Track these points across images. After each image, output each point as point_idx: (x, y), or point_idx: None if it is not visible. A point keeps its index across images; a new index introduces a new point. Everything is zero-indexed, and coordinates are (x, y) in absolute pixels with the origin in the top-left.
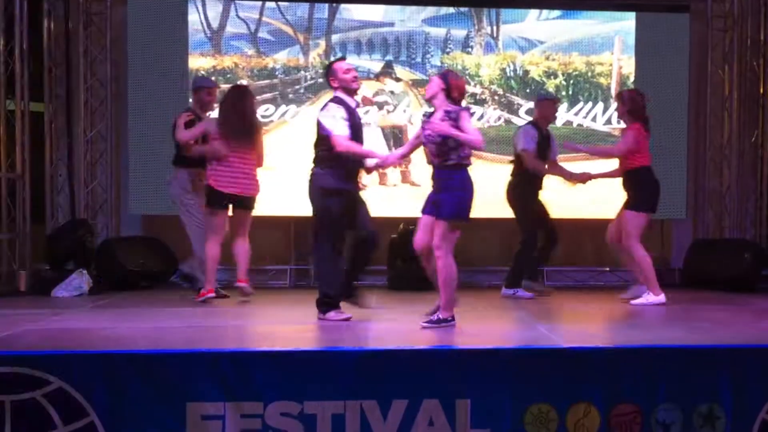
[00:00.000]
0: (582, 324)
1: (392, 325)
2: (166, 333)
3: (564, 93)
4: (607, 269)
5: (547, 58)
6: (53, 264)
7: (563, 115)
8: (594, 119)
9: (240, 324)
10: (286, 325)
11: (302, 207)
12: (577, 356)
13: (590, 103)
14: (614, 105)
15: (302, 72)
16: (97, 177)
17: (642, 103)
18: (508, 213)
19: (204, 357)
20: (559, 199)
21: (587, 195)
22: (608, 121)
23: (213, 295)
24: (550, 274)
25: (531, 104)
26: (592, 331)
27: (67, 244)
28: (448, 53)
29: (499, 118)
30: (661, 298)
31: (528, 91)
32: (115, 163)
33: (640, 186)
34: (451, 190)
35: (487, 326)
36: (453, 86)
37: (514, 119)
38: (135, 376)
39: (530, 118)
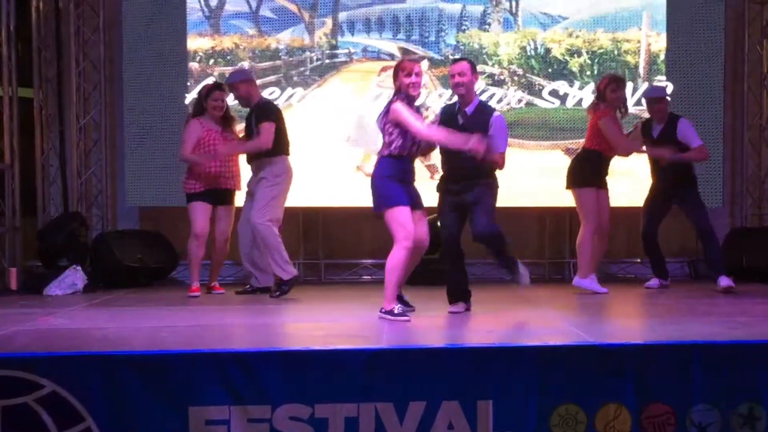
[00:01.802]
0: (611, 319)
1: (409, 322)
2: (166, 332)
3: (588, 72)
4: (638, 261)
5: (570, 35)
6: (45, 260)
7: (589, 96)
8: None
9: (246, 322)
10: (295, 323)
11: (311, 197)
12: (607, 353)
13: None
14: (642, 84)
15: (307, 53)
16: (91, 167)
17: None
18: (529, 202)
19: (207, 358)
20: None
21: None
22: (638, 102)
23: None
24: (575, 266)
25: (555, 85)
26: (623, 326)
27: (59, 239)
28: (463, 31)
29: (520, 101)
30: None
31: (550, 71)
32: (110, 151)
33: None
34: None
35: (510, 322)
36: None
37: (536, 101)
38: (134, 379)
39: (552, 99)
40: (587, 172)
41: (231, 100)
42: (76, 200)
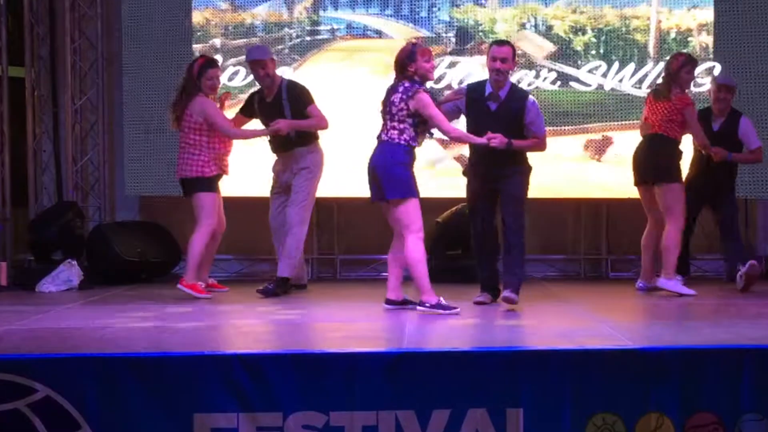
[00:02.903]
0: (653, 320)
1: (433, 323)
2: (169, 333)
3: (594, 52)
4: None
5: (574, 11)
6: (38, 254)
7: (593, 78)
8: (637, 83)
9: (255, 322)
10: (308, 324)
11: (326, 186)
12: (648, 358)
13: (625, 64)
14: (653, 65)
15: (286, 29)
16: (88, 152)
17: None
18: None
19: (213, 361)
20: (623, 178)
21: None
22: (641, 84)
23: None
24: (614, 263)
25: (560, 66)
26: (666, 328)
27: (53, 231)
28: (458, 6)
29: (519, 82)
30: None
31: (552, 50)
32: (108, 136)
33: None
34: None
35: (542, 323)
36: None
37: (538, 83)
38: (134, 383)
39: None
40: (678, 164)
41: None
42: (70, 189)
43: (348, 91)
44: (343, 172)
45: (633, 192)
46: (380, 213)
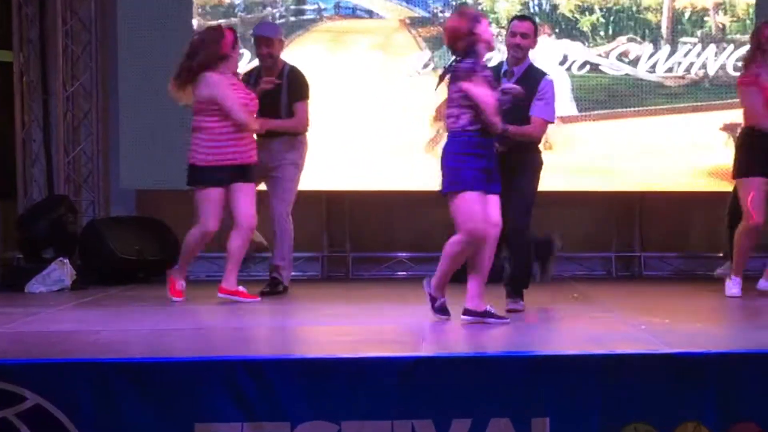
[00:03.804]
0: (690, 323)
1: (450, 326)
2: (168, 337)
3: (602, 33)
4: (720, 255)
5: None
6: (27, 252)
7: (602, 61)
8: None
9: (260, 325)
10: (318, 327)
11: (336, 179)
12: (685, 363)
13: (636, 45)
14: (667, 48)
15: (269, 9)
16: (81, 142)
17: None
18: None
19: (216, 366)
20: (658, 166)
21: (695, 162)
22: (657, 68)
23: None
24: (647, 261)
25: (570, 49)
26: (704, 331)
27: (43, 227)
28: None
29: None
30: None
31: (557, 30)
32: (102, 124)
33: None
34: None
35: (570, 326)
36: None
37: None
38: (130, 391)
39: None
40: None
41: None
42: (62, 181)
43: (338, 75)
44: (354, 164)
45: (669, 184)
46: (395, 207)
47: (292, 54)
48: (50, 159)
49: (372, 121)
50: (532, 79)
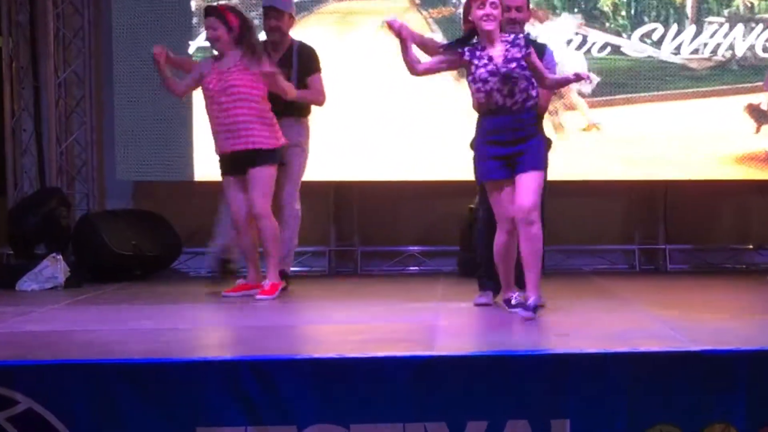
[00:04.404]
0: (717, 319)
1: (466, 323)
2: (168, 336)
3: (624, 13)
4: (750, 247)
5: None
6: (18, 248)
7: (624, 42)
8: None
9: (265, 324)
10: (325, 325)
11: (344, 169)
12: (713, 362)
13: (659, 26)
14: (692, 28)
15: None
16: (74, 132)
17: None
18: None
19: (218, 367)
20: (683, 153)
21: (723, 149)
22: (682, 50)
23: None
24: (672, 253)
25: (590, 30)
26: (732, 328)
27: (35, 221)
28: None
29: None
30: None
31: (576, 10)
32: (96, 112)
33: None
34: (537, 137)
35: (590, 323)
36: None
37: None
38: (128, 394)
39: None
40: None
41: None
42: (55, 173)
43: (343, 59)
44: (362, 153)
45: (694, 172)
46: (406, 199)
47: (295, 37)
48: (41, 150)
49: (381, 107)
50: (536, 52)
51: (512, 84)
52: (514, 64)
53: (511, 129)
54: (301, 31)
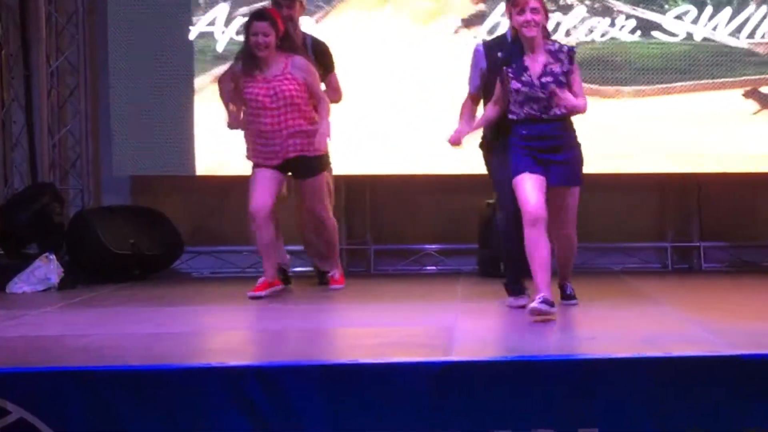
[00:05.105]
0: (755, 322)
1: (487, 326)
2: (167, 341)
3: None
4: None
5: None
6: (8, 247)
7: (679, 26)
8: (735, 31)
9: (271, 327)
10: (337, 328)
11: (355, 163)
12: (749, 366)
13: (719, 9)
14: (755, 8)
15: None
16: (67, 123)
17: None
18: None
19: (222, 374)
20: (717, 145)
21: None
22: (747, 32)
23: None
24: (707, 251)
25: (641, 12)
26: None
27: (26, 219)
28: None
29: (591, 31)
30: None
31: None
32: (91, 103)
33: None
34: (576, 148)
35: (620, 326)
36: None
37: (614, 33)
38: (125, 402)
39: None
40: None
41: None
42: (47, 167)
43: (354, 44)
44: (374, 145)
45: (730, 165)
46: (422, 194)
47: (333, 23)
48: (33, 142)
49: (394, 98)
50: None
51: (547, 97)
52: (550, 78)
53: (547, 137)
54: (338, 17)
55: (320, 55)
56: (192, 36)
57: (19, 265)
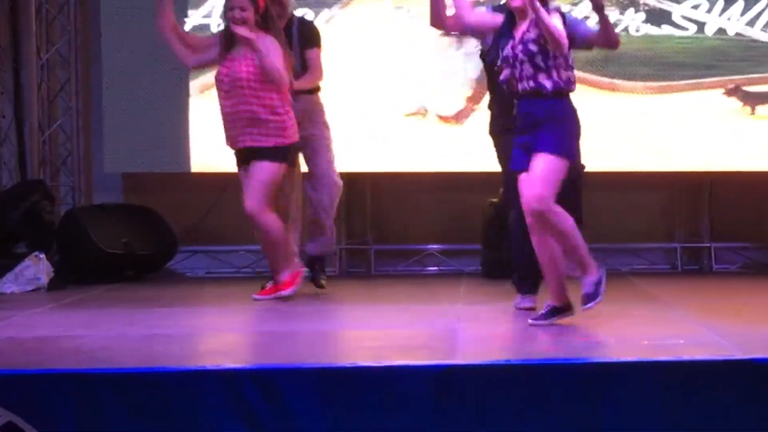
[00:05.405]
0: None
1: (491, 329)
2: (161, 343)
3: None
4: None
5: None
6: None
7: (711, 19)
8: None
9: (269, 329)
10: (336, 331)
11: (355, 160)
12: (762, 371)
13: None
14: (740, 3)
15: None
16: (58, 118)
17: None
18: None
19: (218, 377)
20: (729, 142)
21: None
22: (754, 24)
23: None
24: (718, 252)
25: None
26: None
27: (15, 218)
28: None
29: (637, 30)
30: None
31: None
32: (83, 97)
33: None
34: (555, 121)
35: (628, 329)
36: None
37: (665, 28)
38: (117, 406)
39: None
40: None
41: None
42: (37, 164)
43: (353, 36)
44: (374, 142)
45: (742, 163)
46: (423, 192)
47: (355, 12)
48: (22, 138)
49: (394, 93)
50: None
51: (519, 67)
52: (520, 47)
53: (524, 113)
54: (361, 5)
55: (305, 31)
56: (187, 28)
57: (8, 265)
